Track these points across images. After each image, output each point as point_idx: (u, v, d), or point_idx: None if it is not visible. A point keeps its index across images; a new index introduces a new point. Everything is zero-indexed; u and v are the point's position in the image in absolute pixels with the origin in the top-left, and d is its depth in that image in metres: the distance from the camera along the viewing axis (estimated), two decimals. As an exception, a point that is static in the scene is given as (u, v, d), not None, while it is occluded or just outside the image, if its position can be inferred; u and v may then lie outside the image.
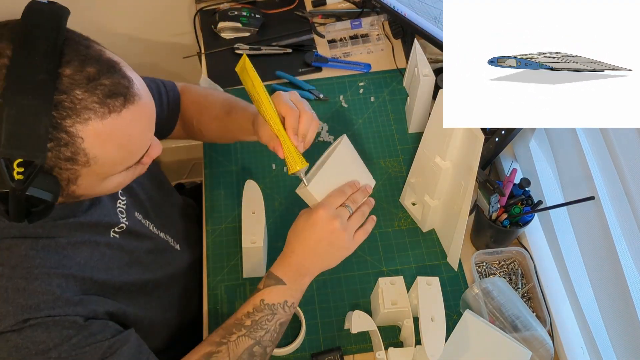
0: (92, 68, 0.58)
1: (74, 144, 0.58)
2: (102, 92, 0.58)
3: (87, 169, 0.61)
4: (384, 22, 1.33)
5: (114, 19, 1.49)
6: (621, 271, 0.72)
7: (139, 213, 0.89)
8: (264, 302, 0.78)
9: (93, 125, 0.58)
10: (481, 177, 0.86)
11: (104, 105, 0.58)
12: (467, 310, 0.86)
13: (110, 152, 0.62)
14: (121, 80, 0.60)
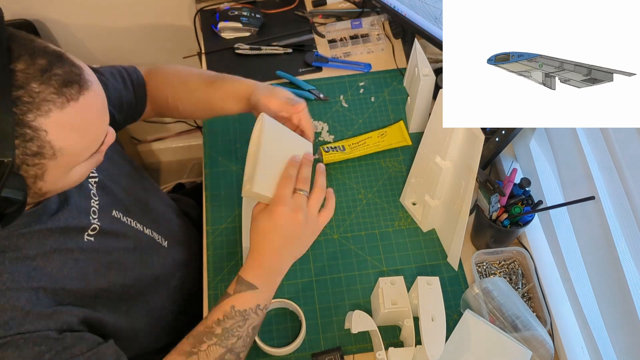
0: (43, 60, 0.58)
1: (38, 137, 0.58)
2: (57, 82, 0.58)
3: (53, 161, 0.61)
4: (384, 22, 1.33)
5: (114, 19, 1.50)
6: (621, 271, 0.72)
7: (118, 211, 0.87)
8: (234, 309, 0.75)
9: (54, 116, 0.58)
10: (481, 177, 0.86)
11: (61, 94, 0.58)
12: (468, 310, 0.86)
13: (73, 141, 0.62)
14: (72, 68, 0.60)
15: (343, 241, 1.02)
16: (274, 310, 0.95)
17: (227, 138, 1.16)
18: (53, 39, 1.50)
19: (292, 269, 0.98)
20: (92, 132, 0.65)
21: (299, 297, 0.96)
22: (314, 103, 1.20)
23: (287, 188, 0.75)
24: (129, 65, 1.00)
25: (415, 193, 1.03)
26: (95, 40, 1.53)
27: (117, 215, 0.86)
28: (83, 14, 1.46)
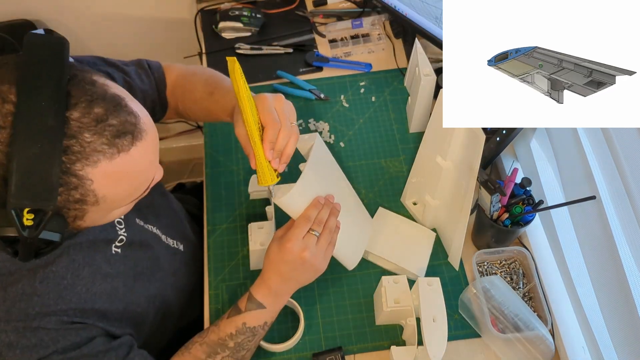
0: (100, 108, 0.56)
1: (83, 186, 0.56)
2: (111, 133, 0.56)
3: (95, 207, 0.60)
4: (385, 22, 1.33)
5: (115, 19, 1.50)
6: (622, 270, 0.72)
7: (140, 219, 0.87)
8: (245, 326, 0.81)
9: (102, 167, 0.56)
10: (482, 176, 0.86)
11: (112, 146, 0.56)
12: (380, 207, 1.02)
13: (119, 190, 0.61)
14: (128, 117, 0.58)
15: (344, 241, 1.02)
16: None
17: (228, 138, 1.16)
18: (54, 39, 1.50)
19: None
20: (139, 181, 0.64)
21: (299, 297, 0.96)
22: (315, 103, 1.20)
23: (302, 229, 0.80)
24: (153, 61, 0.97)
25: (416, 193, 1.03)
26: (95, 39, 1.53)
27: (140, 223, 0.86)
28: (83, 14, 1.46)
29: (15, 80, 0.53)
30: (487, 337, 0.89)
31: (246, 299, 0.82)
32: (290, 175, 0.92)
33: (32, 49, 0.55)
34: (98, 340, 0.72)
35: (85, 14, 1.46)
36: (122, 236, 0.81)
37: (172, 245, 0.95)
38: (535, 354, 0.84)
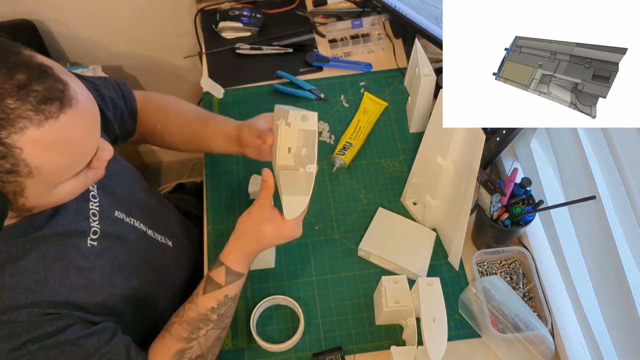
0: (22, 75, 0.55)
1: (12, 155, 0.56)
2: (35, 98, 0.55)
3: (31, 180, 0.59)
4: (385, 22, 1.32)
5: (115, 19, 1.50)
6: (622, 270, 0.72)
7: (120, 211, 0.86)
8: (228, 297, 0.81)
9: (30, 134, 0.55)
10: (482, 176, 0.86)
11: (39, 112, 0.55)
12: (380, 208, 1.03)
13: (53, 160, 0.59)
14: (55, 84, 0.57)
15: (344, 241, 1.02)
16: (274, 310, 0.95)
17: (228, 138, 1.16)
18: (53, 38, 1.50)
19: (293, 269, 0.99)
20: (76, 151, 0.62)
21: (299, 296, 0.96)
22: (315, 103, 1.20)
23: (265, 199, 0.82)
24: (119, 79, 1.00)
25: (416, 193, 1.03)
26: (95, 39, 1.53)
27: (119, 216, 0.86)
28: (83, 14, 1.46)
29: None
30: (487, 337, 0.89)
31: (224, 272, 0.81)
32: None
33: None
34: (77, 327, 0.71)
35: (85, 14, 1.46)
36: (95, 228, 0.79)
37: (160, 240, 0.94)
38: (535, 354, 0.84)
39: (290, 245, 1.01)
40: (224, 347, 0.92)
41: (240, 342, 0.92)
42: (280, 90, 1.21)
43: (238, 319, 0.94)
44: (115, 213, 0.85)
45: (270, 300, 0.94)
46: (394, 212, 1.04)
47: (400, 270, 0.96)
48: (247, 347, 0.92)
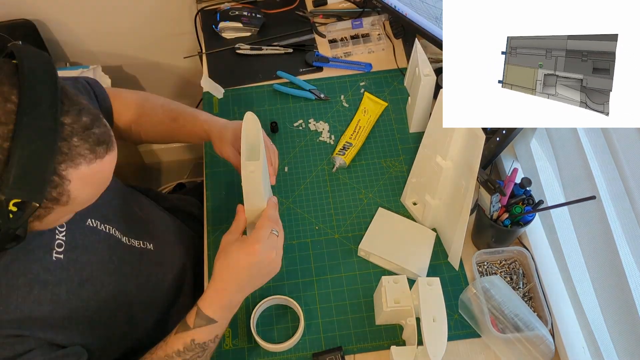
0: (87, 118, 0.62)
1: (62, 185, 0.61)
2: (93, 140, 0.62)
3: (62, 208, 0.64)
4: (385, 22, 1.33)
5: (115, 19, 1.50)
6: (622, 270, 0.72)
7: (94, 219, 0.85)
8: (194, 342, 0.78)
9: (82, 170, 0.62)
10: (482, 176, 0.86)
11: (93, 152, 0.62)
12: (380, 208, 1.03)
13: (87, 192, 0.65)
14: (106, 130, 0.65)
15: (344, 241, 1.02)
16: (275, 310, 0.95)
17: (228, 138, 1.16)
18: (53, 38, 1.50)
19: (293, 269, 0.99)
20: (102, 187, 0.69)
21: (300, 296, 0.96)
22: (315, 103, 1.20)
23: (267, 229, 0.80)
24: (90, 78, 1.00)
25: (416, 193, 1.03)
26: (95, 39, 1.53)
27: (92, 224, 0.84)
28: (83, 13, 1.46)
29: (16, 84, 0.58)
30: (487, 337, 0.89)
31: (194, 314, 0.79)
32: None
33: (26, 57, 0.61)
34: (37, 352, 0.70)
35: (85, 14, 1.46)
36: (60, 241, 0.78)
37: (137, 245, 0.92)
38: (535, 354, 0.84)
39: (290, 245, 1.01)
40: (224, 347, 0.92)
41: (240, 342, 0.92)
42: (280, 90, 1.21)
43: (238, 319, 0.94)
44: (88, 222, 0.83)
45: (270, 300, 0.94)
46: (394, 212, 1.04)
47: (400, 270, 0.96)
48: (247, 347, 0.92)
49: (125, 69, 1.63)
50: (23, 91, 0.58)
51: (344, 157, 1.09)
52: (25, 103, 0.57)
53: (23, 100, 0.57)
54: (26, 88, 0.58)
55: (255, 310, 0.92)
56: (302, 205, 1.07)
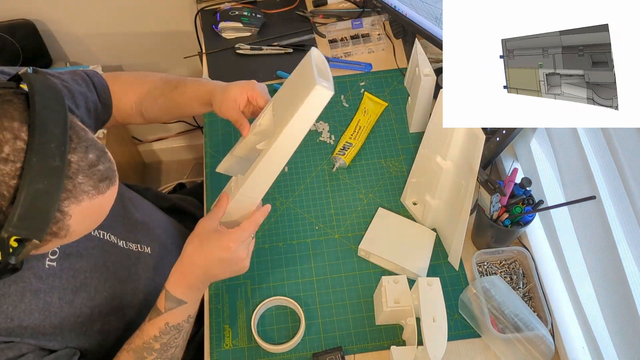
0: (93, 155, 0.61)
1: (63, 221, 0.59)
2: (97, 177, 0.61)
3: (59, 240, 0.62)
4: (385, 22, 1.33)
5: (115, 19, 1.50)
6: (622, 271, 0.72)
7: None
8: (168, 325, 0.80)
9: (84, 205, 0.61)
10: (482, 176, 0.86)
11: (96, 188, 0.61)
12: (380, 208, 1.04)
13: (85, 225, 0.64)
14: (110, 165, 0.64)
15: (344, 241, 1.02)
16: (275, 311, 0.95)
17: (228, 137, 1.17)
18: (53, 38, 1.50)
19: (293, 269, 0.99)
20: (101, 219, 0.67)
21: (299, 296, 0.96)
22: (315, 103, 1.20)
23: (250, 232, 0.82)
24: (90, 70, 0.99)
25: (416, 193, 1.03)
26: (95, 39, 1.53)
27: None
28: (83, 13, 1.46)
29: (26, 120, 0.57)
30: (487, 337, 0.89)
31: (164, 296, 0.80)
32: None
33: (38, 91, 0.59)
34: (29, 356, 0.71)
35: (85, 14, 1.46)
36: (55, 248, 0.78)
37: (133, 249, 0.92)
38: (535, 354, 0.84)
39: (290, 245, 1.02)
40: (223, 347, 0.92)
41: (240, 342, 0.92)
42: (280, 90, 1.21)
43: (238, 319, 0.94)
44: None
45: (271, 301, 0.94)
46: (394, 212, 1.04)
47: (400, 270, 0.96)
48: (247, 347, 0.92)
49: (125, 69, 1.63)
50: (33, 129, 0.56)
51: (344, 157, 1.09)
52: (35, 142, 0.56)
53: (33, 138, 0.56)
54: (37, 126, 0.56)
55: (256, 312, 0.92)
56: (302, 205, 1.07)
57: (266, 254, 1.01)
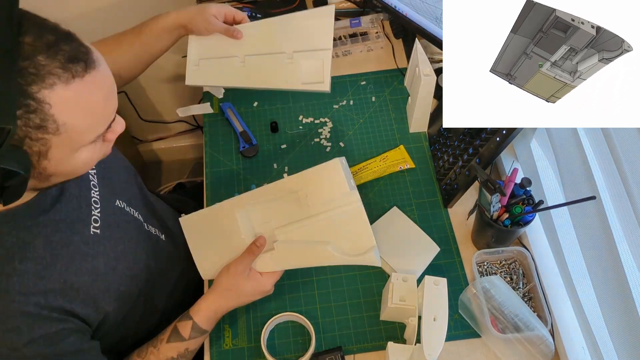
0: (51, 36, 0.59)
1: (42, 110, 0.58)
2: (63, 57, 0.59)
3: (57, 137, 0.61)
4: (384, 21, 1.32)
5: (115, 18, 1.49)
6: (622, 271, 0.72)
7: (122, 200, 0.88)
8: (188, 350, 0.85)
9: (59, 90, 0.58)
10: (482, 176, 0.86)
11: (66, 70, 0.59)
12: (395, 207, 1.04)
13: (78, 118, 0.61)
14: (80, 47, 0.61)
15: (344, 241, 1.02)
16: (283, 324, 0.95)
17: (228, 138, 1.17)
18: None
19: (293, 269, 0.98)
20: (98, 112, 0.65)
21: (299, 296, 0.96)
22: (315, 103, 1.20)
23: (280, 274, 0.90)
24: None
25: None
26: (95, 39, 1.53)
27: (120, 205, 0.88)
28: (83, 13, 1.46)
29: None
30: (487, 337, 0.89)
31: (190, 327, 0.85)
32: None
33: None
34: (74, 337, 0.73)
35: (84, 13, 1.46)
36: (96, 217, 0.81)
37: (153, 232, 0.96)
38: (535, 354, 0.84)
39: (290, 245, 1.02)
40: (223, 347, 0.92)
41: (240, 342, 0.92)
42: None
43: (238, 319, 0.94)
44: (117, 202, 0.87)
45: (282, 316, 0.93)
46: (406, 215, 1.04)
47: (391, 271, 0.96)
48: (247, 347, 0.92)
49: (125, 69, 1.63)
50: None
51: None
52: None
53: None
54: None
55: (266, 327, 0.91)
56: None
57: (266, 254, 1.01)
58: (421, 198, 1.06)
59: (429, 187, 1.08)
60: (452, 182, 1.03)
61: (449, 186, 1.04)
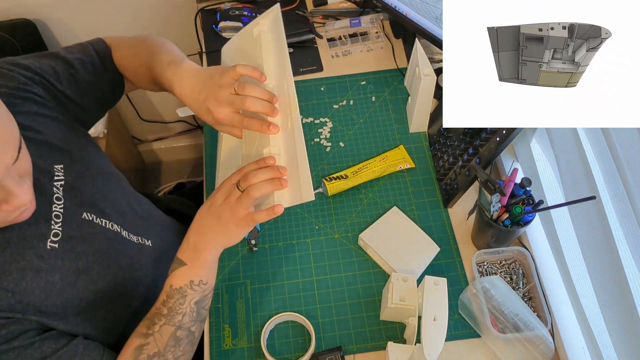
0: None
1: None
2: None
3: None
4: (383, 21, 1.33)
5: (115, 19, 1.50)
6: (622, 271, 0.72)
7: (90, 213, 0.84)
8: (172, 288, 0.80)
9: None
10: (482, 176, 0.86)
11: None
12: (395, 207, 1.04)
13: None
14: None
15: (344, 240, 1.02)
16: (283, 324, 0.95)
17: (228, 138, 1.17)
18: (53, 38, 1.50)
19: (293, 269, 0.99)
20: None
21: (299, 296, 0.96)
22: (315, 104, 1.20)
23: (234, 179, 0.81)
24: (94, 40, 0.97)
25: None
26: (95, 39, 1.53)
27: (88, 218, 0.83)
28: (83, 13, 1.46)
29: None
30: (487, 337, 0.89)
31: (172, 261, 0.82)
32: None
33: None
34: (32, 332, 0.71)
35: (85, 13, 1.46)
36: (57, 231, 0.77)
37: (135, 240, 0.92)
38: (535, 354, 0.85)
39: (290, 245, 1.02)
40: (223, 347, 0.92)
41: (240, 341, 0.92)
42: (280, 90, 1.21)
43: (238, 319, 0.94)
44: (83, 215, 0.83)
45: (281, 316, 0.93)
46: (406, 215, 1.04)
47: (390, 271, 0.96)
48: (247, 347, 0.92)
49: (125, 69, 1.63)
50: None
51: (330, 186, 1.06)
52: None
53: None
54: None
55: (266, 327, 0.91)
56: (302, 205, 1.06)
57: (266, 254, 1.01)
58: (421, 198, 1.06)
59: (429, 187, 1.08)
60: (452, 182, 1.03)
61: (449, 186, 1.04)
